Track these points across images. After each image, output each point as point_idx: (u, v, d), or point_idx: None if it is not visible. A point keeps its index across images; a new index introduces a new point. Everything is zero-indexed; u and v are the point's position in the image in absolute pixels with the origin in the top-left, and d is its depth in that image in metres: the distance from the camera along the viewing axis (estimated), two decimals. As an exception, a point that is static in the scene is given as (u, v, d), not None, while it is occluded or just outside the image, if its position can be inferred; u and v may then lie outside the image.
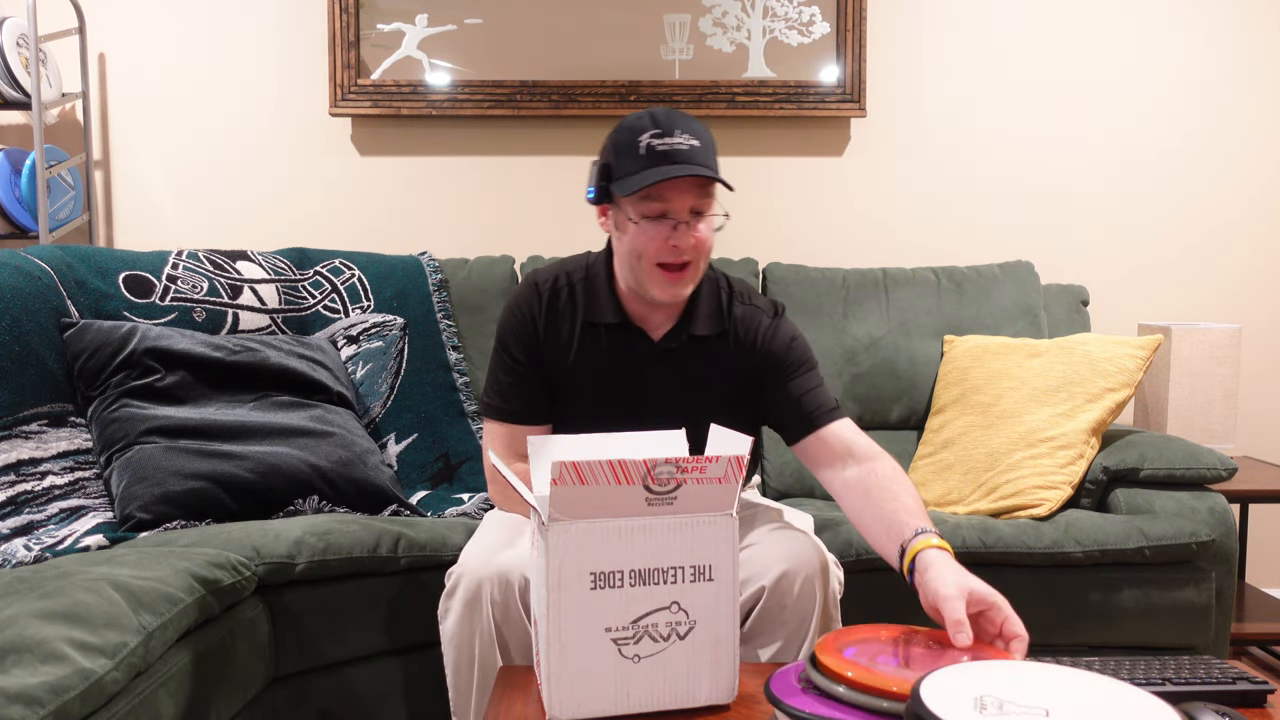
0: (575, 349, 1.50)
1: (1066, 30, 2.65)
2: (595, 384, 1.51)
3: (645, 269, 1.40)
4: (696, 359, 1.51)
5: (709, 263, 1.49)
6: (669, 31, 2.59)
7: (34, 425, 1.69)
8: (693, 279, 1.43)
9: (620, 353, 1.50)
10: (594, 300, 1.50)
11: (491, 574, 1.34)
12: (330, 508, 1.83)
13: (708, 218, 1.40)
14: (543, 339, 1.50)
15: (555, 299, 1.51)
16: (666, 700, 1.05)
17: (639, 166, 1.35)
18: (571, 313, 1.51)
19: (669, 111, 1.38)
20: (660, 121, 1.36)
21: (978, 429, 2.09)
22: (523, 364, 1.51)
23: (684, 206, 1.36)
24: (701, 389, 1.51)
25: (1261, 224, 2.70)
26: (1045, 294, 2.46)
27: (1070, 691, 0.70)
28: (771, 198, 2.68)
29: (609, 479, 0.98)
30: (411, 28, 2.56)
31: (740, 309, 1.52)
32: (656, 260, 1.39)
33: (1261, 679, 1.06)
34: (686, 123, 1.37)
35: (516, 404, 1.52)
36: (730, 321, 1.51)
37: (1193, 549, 1.78)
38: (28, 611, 1.11)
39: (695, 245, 1.39)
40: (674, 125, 1.36)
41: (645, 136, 1.35)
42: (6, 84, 2.39)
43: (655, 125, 1.36)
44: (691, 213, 1.37)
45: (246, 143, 2.62)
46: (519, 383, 1.51)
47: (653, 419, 1.40)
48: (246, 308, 2.09)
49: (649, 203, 1.36)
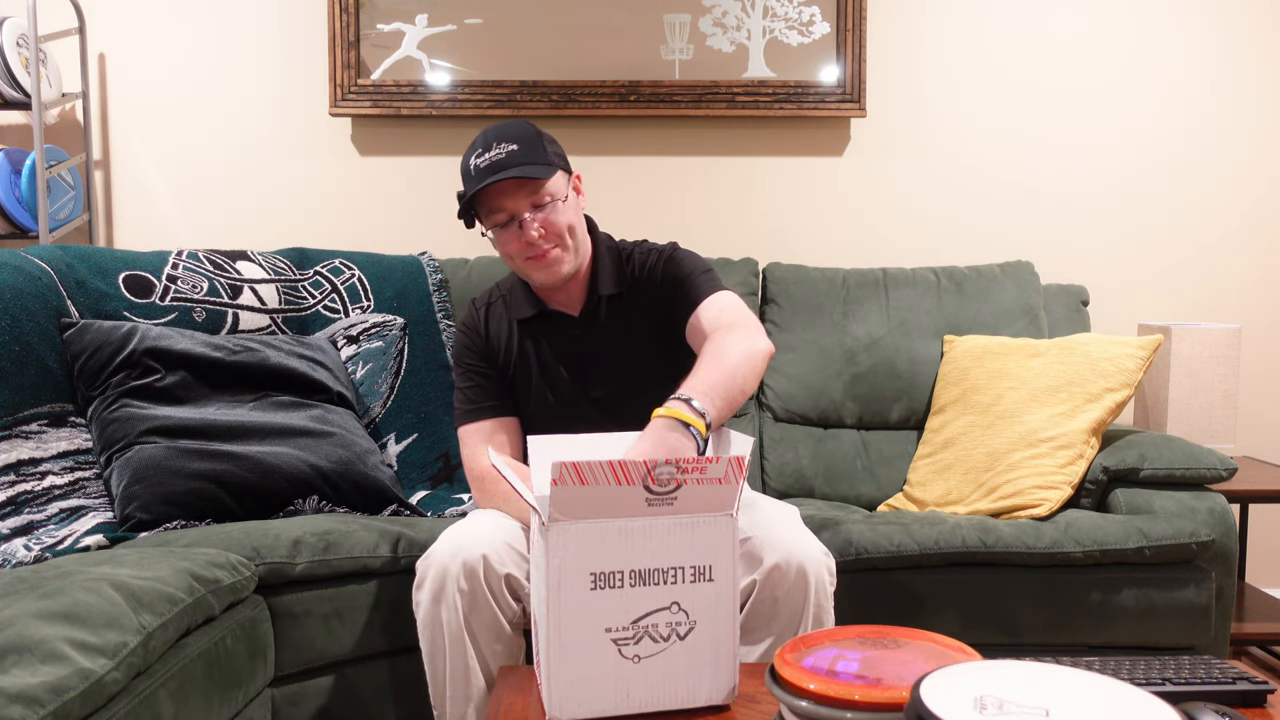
0: (516, 348, 1.65)
1: (1067, 30, 2.65)
2: (542, 373, 1.65)
3: (520, 266, 1.57)
4: (617, 317, 1.63)
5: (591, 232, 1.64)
6: (669, 31, 2.59)
7: (34, 425, 1.70)
8: (563, 258, 1.55)
9: (553, 337, 1.65)
10: (516, 301, 1.67)
11: (456, 563, 1.36)
12: (330, 508, 1.83)
13: (554, 203, 1.52)
14: (489, 345, 1.66)
15: (490, 311, 1.69)
16: (666, 700, 1.05)
17: (471, 185, 1.51)
18: (506, 317, 1.67)
19: (497, 125, 1.52)
20: (481, 140, 1.51)
21: (978, 429, 2.09)
22: (480, 368, 1.66)
23: (520, 206, 1.51)
24: (633, 344, 1.63)
25: (1262, 224, 2.70)
26: (1045, 294, 2.46)
27: (1070, 691, 0.70)
28: (771, 198, 2.68)
29: (609, 479, 0.98)
30: (411, 28, 2.56)
31: (638, 257, 1.66)
32: (523, 255, 1.54)
33: (1261, 679, 1.06)
34: (504, 131, 1.50)
35: (484, 399, 1.64)
36: (630, 270, 1.65)
37: (1193, 549, 1.78)
38: (28, 611, 1.11)
39: (544, 232, 1.51)
40: (493, 140, 1.49)
41: (471, 159, 1.50)
42: (6, 84, 2.40)
43: (477, 146, 1.51)
44: (531, 207, 1.51)
45: (246, 143, 2.62)
46: (482, 383, 1.65)
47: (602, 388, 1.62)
48: (246, 308, 2.09)
49: (493, 214, 1.52)
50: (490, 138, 1.50)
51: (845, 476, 2.28)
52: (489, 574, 1.37)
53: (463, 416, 1.65)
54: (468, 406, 1.65)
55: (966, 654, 0.94)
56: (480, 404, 1.64)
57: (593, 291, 1.63)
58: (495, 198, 1.50)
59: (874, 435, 2.34)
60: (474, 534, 1.41)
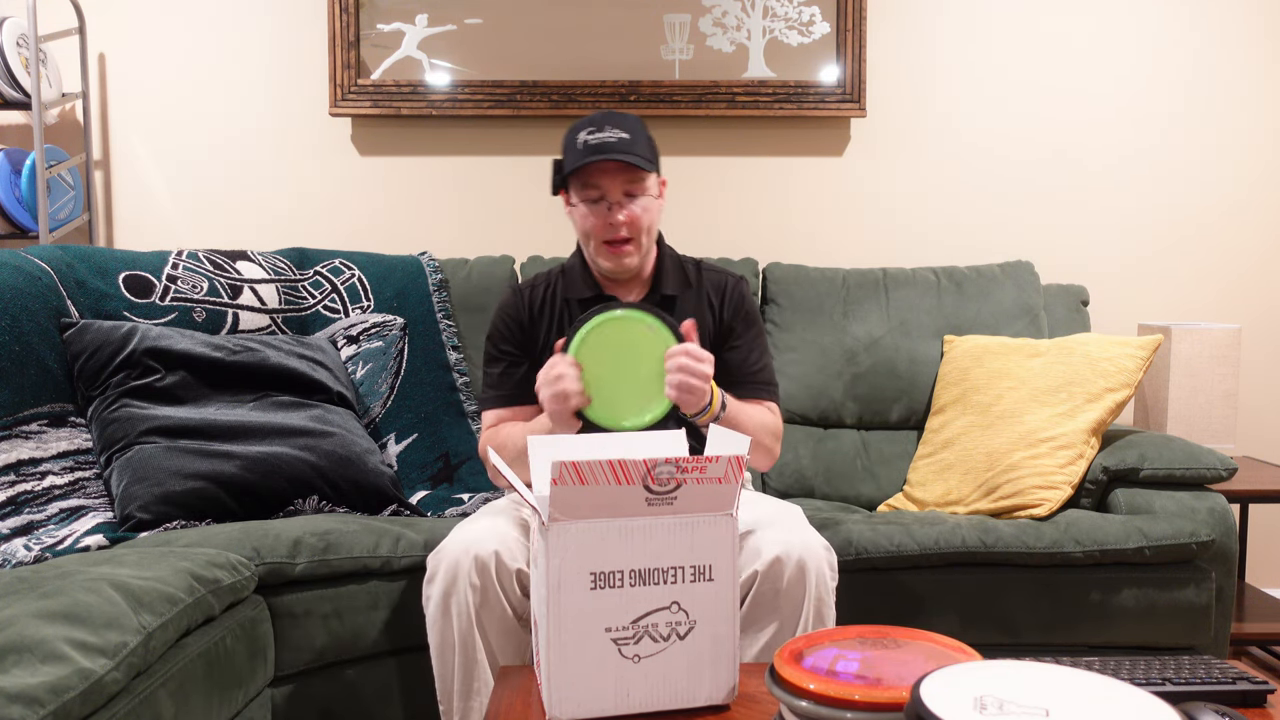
0: (558, 326, 1.70)
1: (1067, 31, 2.65)
2: None
3: (594, 246, 1.64)
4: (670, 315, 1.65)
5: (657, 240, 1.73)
6: (669, 31, 2.59)
7: (34, 425, 1.70)
8: (636, 251, 1.64)
9: None
10: (573, 282, 1.72)
11: (469, 558, 1.38)
12: (330, 508, 1.83)
13: (640, 198, 1.61)
14: (527, 329, 1.71)
15: (535, 294, 1.73)
16: (666, 700, 1.05)
17: (576, 158, 1.58)
18: (552, 297, 1.72)
19: (607, 112, 1.63)
20: (595, 120, 1.60)
21: (978, 429, 2.09)
22: (512, 355, 1.70)
23: (615, 189, 1.59)
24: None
25: (1262, 224, 2.70)
26: (1045, 294, 2.46)
27: (1070, 691, 0.69)
28: (771, 198, 2.68)
29: (609, 479, 0.98)
30: (411, 28, 2.56)
31: (709, 273, 1.76)
32: (600, 238, 1.62)
33: (1261, 679, 1.06)
34: (619, 119, 1.60)
35: (508, 389, 1.69)
36: (699, 280, 1.74)
37: (1193, 549, 1.78)
38: (28, 611, 1.11)
39: (629, 222, 1.60)
40: (606, 121, 1.59)
41: (582, 133, 1.59)
42: (6, 84, 2.40)
43: (591, 123, 1.60)
44: (625, 195, 1.60)
45: (246, 143, 2.62)
46: (508, 369, 1.69)
47: None
48: (246, 308, 2.09)
49: (586, 189, 1.61)
50: (603, 120, 1.59)
51: (845, 476, 2.28)
52: (500, 569, 1.38)
53: (485, 403, 1.71)
54: (491, 394, 1.70)
55: (966, 654, 0.94)
56: (501, 392, 1.69)
57: (655, 289, 1.72)
58: (595, 175, 1.59)
59: (874, 435, 2.34)
60: (486, 529, 1.42)
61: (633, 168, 1.58)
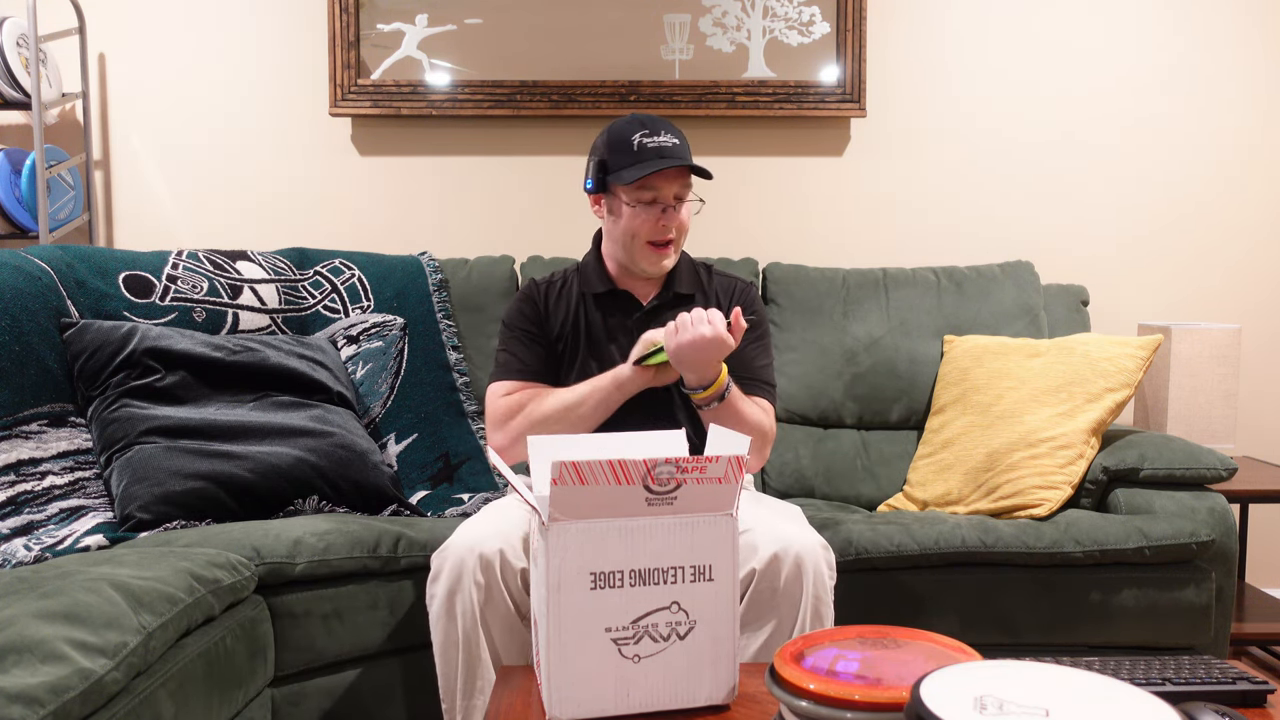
0: (572, 321, 1.74)
1: (1067, 31, 2.65)
2: (592, 348, 1.73)
3: (638, 246, 1.68)
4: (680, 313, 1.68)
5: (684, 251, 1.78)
6: (669, 31, 2.59)
7: (34, 425, 1.70)
8: (674, 254, 1.72)
9: (614, 316, 1.75)
10: (588, 277, 1.76)
11: (473, 557, 1.38)
12: (330, 508, 1.83)
13: (687, 203, 1.69)
14: (544, 314, 1.75)
15: (551, 286, 1.78)
16: (666, 700, 1.05)
17: (633, 160, 1.62)
18: (568, 291, 1.77)
19: (651, 116, 1.68)
20: (647, 124, 1.65)
21: (978, 429, 2.09)
22: (530, 331, 1.73)
23: (670, 193, 1.65)
24: None
25: (1262, 224, 2.70)
26: (1045, 294, 2.46)
27: (1070, 691, 0.69)
28: (771, 198, 2.68)
29: (609, 479, 0.98)
30: (411, 28, 2.56)
31: (719, 277, 1.83)
32: (648, 239, 1.67)
33: (1261, 679, 1.06)
34: (666, 124, 1.66)
35: (523, 361, 1.71)
36: (710, 283, 1.81)
37: (1193, 549, 1.78)
38: (28, 611, 1.11)
39: (679, 225, 1.68)
40: (659, 126, 1.65)
41: (637, 136, 1.63)
42: (6, 84, 2.40)
43: (644, 127, 1.64)
44: (675, 199, 1.65)
45: (246, 143, 2.62)
46: (526, 343, 1.72)
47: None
48: (246, 308, 2.09)
49: (644, 191, 1.64)
50: (653, 124, 1.64)
51: (845, 476, 2.28)
52: (505, 568, 1.38)
53: (498, 373, 1.73)
54: (503, 368, 1.72)
55: (966, 654, 0.94)
56: (516, 364, 1.71)
57: (668, 287, 1.76)
58: (655, 178, 1.62)
59: (874, 435, 2.34)
60: (490, 528, 1.42)
61: (687, 172, 1.64)
